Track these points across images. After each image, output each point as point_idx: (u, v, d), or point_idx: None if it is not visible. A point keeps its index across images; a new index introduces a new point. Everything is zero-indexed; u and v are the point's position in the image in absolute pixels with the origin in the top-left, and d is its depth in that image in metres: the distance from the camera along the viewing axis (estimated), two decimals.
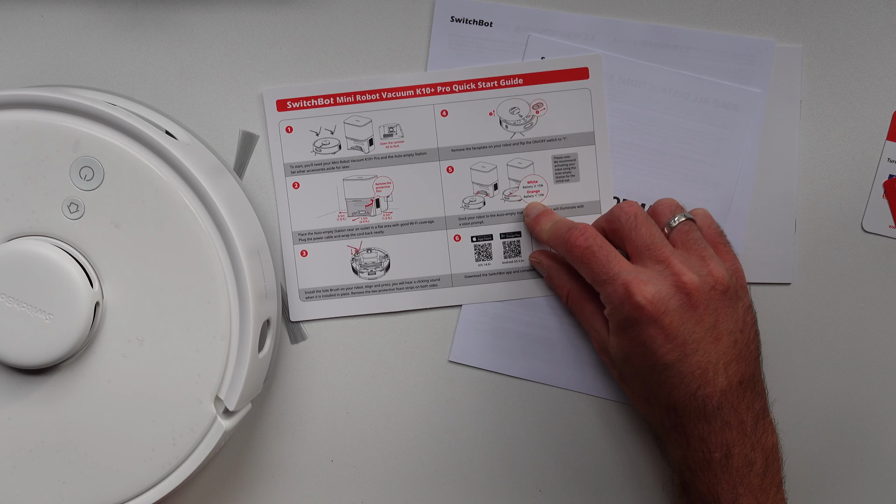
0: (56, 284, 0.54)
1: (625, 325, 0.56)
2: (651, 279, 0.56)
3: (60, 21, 0.63)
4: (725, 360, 0.56)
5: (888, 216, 0.64)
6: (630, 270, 0.56)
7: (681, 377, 0.56)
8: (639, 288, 0.55)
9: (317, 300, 0.65)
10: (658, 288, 0.56)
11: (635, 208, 0.59)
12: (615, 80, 0.64)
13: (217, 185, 0.57)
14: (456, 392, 0.65)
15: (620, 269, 0.57)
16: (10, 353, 0.54)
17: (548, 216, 0.62)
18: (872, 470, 0.65)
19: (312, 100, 0.64)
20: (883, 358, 0.65)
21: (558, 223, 0.61)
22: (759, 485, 0.57)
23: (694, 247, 0.58)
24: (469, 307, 0.65)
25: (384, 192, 0.64)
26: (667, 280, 0.56)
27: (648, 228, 0.58)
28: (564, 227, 0.60)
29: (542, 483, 0.66)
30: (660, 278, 0.56)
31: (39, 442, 0.56)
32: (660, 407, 0.58)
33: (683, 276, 0.56)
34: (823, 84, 0.64)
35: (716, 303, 0.56)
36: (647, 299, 0.55)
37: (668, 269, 0.56)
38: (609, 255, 0.57)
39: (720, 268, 0.57)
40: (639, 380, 0.58)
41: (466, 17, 0.63)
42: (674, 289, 0.56)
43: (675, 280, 0.56)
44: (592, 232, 0.58)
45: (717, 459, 0.56)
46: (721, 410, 0.56)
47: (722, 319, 0.56)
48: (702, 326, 0.56)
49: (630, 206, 0.59)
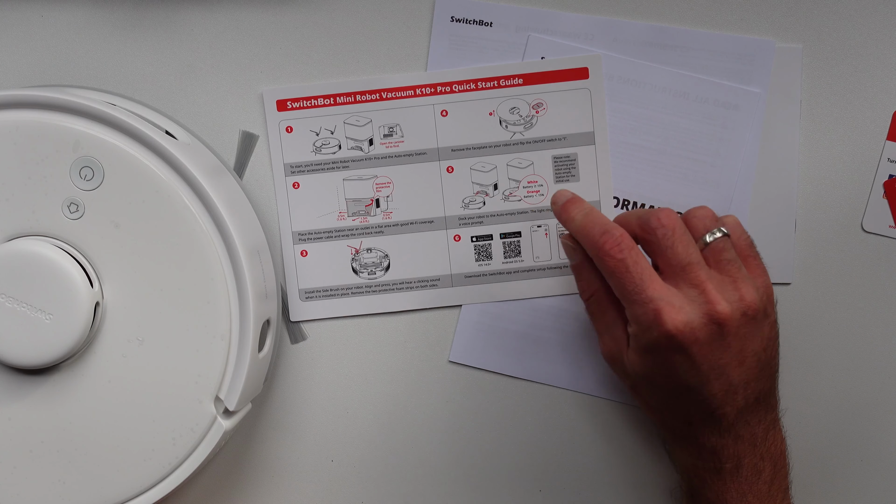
0: (56, 284, 0.54)
1: (650, 348, 0.55)
2: (683, 306, 0.54)
3: (60, 21, 0.63)
4: (746, 379, 0.56)
5: (888, 216, 0.64)
6: (663, 296, 0.54)
7: (702, 398, 0.55)
8: (671, 316, 0.53)
9: (317, 300, 0.65)
10: (690, 317, 0.54)
11: (673, 221, 0.55)
12: (615, 80, 0.64)
13: (217, 185, 0.57)
14: (456, 392, 0.65)
15: (654, 292, 0.54)
16: (10, 353, 0.54)
17: (578, 205, 0.59)
18: (872, 470, 0.65)
19: (312, 100, 0.64)
20: (883, 358, 0.65)
21: (590, 217, 0.57)
22: (767, 492, 0.57)
23: (727, 268, 0.56)
24: (469, 307, 0.65)
25: (384, 192, 0.64)
26: (700, 308, 0.54)
27: (685, 247, 0.55)
28: (598, 230, 0.56)
29: (542, 483, 0.66)
30: (693, 306, 0.54)
31: (39, 442, 0.56)
32: (674, 419, 0.58)
33: (717, 304, 0.54)
34: (823, 84, 0.64)
35: (745, 328, 0.55)
36: (678, 329, 0.53)
37: (702, 296, 0.54)
38: (643, 274, 0.54)
39: (752, 291, 0.55)
40: (655, 395, 0.58)
41: (466, 17, 0.63)
42: (706, 318, 0.54)
43: (708, 308, 0.54)
44: (628, 243, 0.55)
45: (728, 469, 0.56)
46: (735, 426, 0.56)
47: (749, 343, 0.55)
48: (729, 353, 0.55)
49: (668, 218, 0.55)
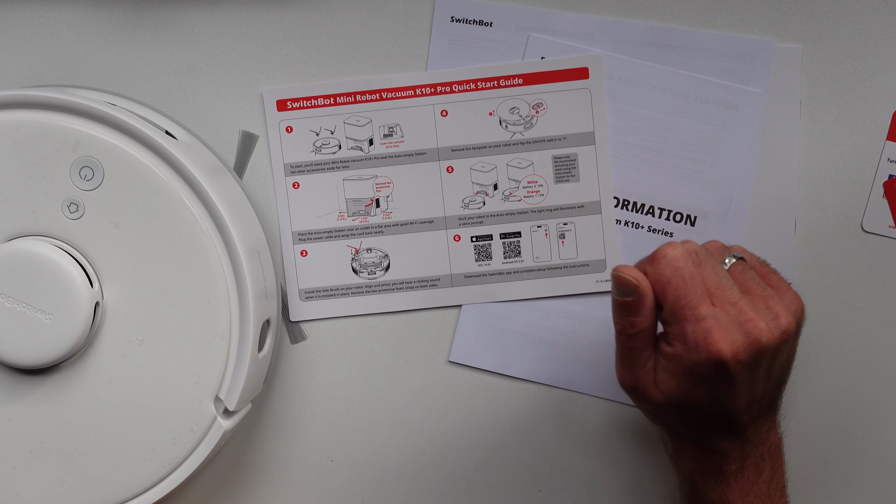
0: (56, 284, 0.54)
1: (692, 370, 0.54)
2: (728, 328, 0.53)
3: (60, 21, 0.63)
4: (766, 390, 0.56)
5: (888, 216, 0.64)
6: (713, 315, 0.53)
7: (728, 412, 0.56)
8: (720, 337, 0.53)
9: (317, 300, 0.65)
10: (734, 338, 0.53)
11: (695, 246, 0.55)
12: (615, 80, 0.64)
13: (217, 185, 0.57)
14: (456, 392, 0.65)
15: (707, 310, 0.53)
16: (10, 353, 0.54)
17: None
18: (872, 470, 0.65)
19: (312, 100, 0.64)
20: (883, 358, 0.65)
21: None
22: (766, 491, 0.57)
23: (752, 287, 0.56)
24: (469, 307, 0.65)
25: (384, 192, 0.64)
26: (741, 328, 0.54)
27: (714, 267, 0.55)
28: (660, 252, 0.55)
29: (542, 483, 0.66)
30: (735, 327, 0.54)
31: (39, 442, 0.56)
32: (690, 431, 0.58)
33: (757, 323, 0.54)
34: (823, 84, 0.64)
35: (780, 348, 0.55)
36: (727, 352, 0.53)
37: (741, 315, 0.54)
38: (698, 289, 0.54)
39: (783, 309, 0.55)
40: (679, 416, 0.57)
41: (466, 17, 0.63)
42: (748, 338, 0.54)
43: (748, 328, 0.54)
44: (684, 251, 0.54)
45: (733, 471, 0.57)
46: (747, 430, 0.57)
47: (777, 360, 0.56)
48: (761, 371, 0.55)
49: (688, 244, 0.55)
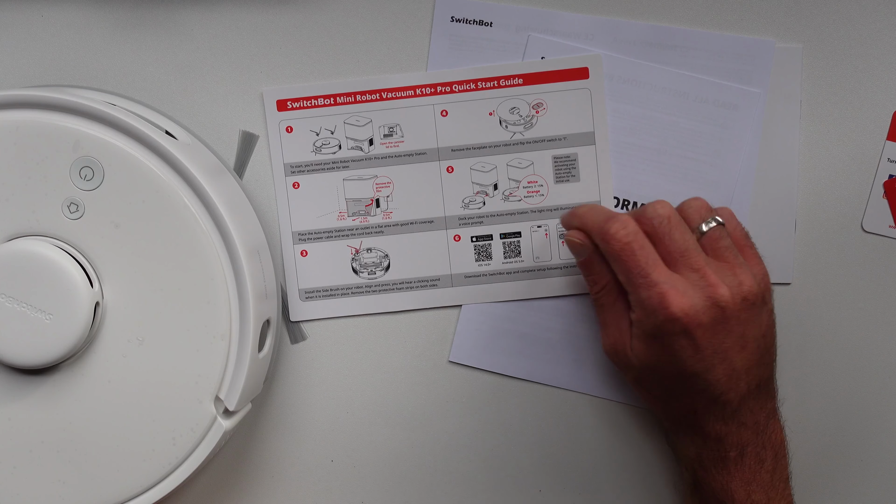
0: (56, 284, 0.54)
1: (655, 333, 0.56)
2: (686, 291, 0.55)
3: (60, 21, 0.63)
4: (748, 365, 0.56)
5: (888, 216, 0.64)
6: (667, 280, 0.55)
7: (706, 384, 0.56)
8: (675, 299, 0.55)
9: (317, 300, 0.65)
10: (693, 301, 0.55)
11: (668, 210, 0.57)
12: (615, 80, 0.64)
13: (217, 185, 0.57)
14: (456, 392, 0.65)
15: (659, 276, 0.55)
16: (10, 353, 0.54)
17: (584, 205, 0.60)
18: (873, 470, 0.65)
19: (312, 100, 0.64)
20: (883, 358, 0.65)
21: (595, 207, 0.59)
22: (770, 481, 0.58)
23: (724, 254, 0.57)
24: (469, 307, 0.65)
25: (384, 192, 0.64)
26: (701, 292, 0.55)
27: (682, 233, 0.56)
28: (603, 216, 0.57)
29: (542, 483, 0.66)
30: (695, 290, 0.55)
31: (39, 442, 0.56)
32: (678, 408, 0.58)
33: (718, 288, 0.55)
34: (823, 84, 0.64)
35: (745, 314, 0.56)
36: (684, 311, 0.55)
37: (702, 280, 0.55)
38: (649, 258, 0.56)
39: (750, 277, 0.56)
40: (659, 384, 0.58)
41: (466, 17, 0.63)
42: (708, 301, 0.55)
43: (709, 292, 0.55)
44: (633, 227, 0.56)
45: (733, 458, 0.57)
46: (739, 412, 0.57)
47: (749, 329, 0.56)
48: (731, 337, 0.56)
49: (663, 207, 0.57)
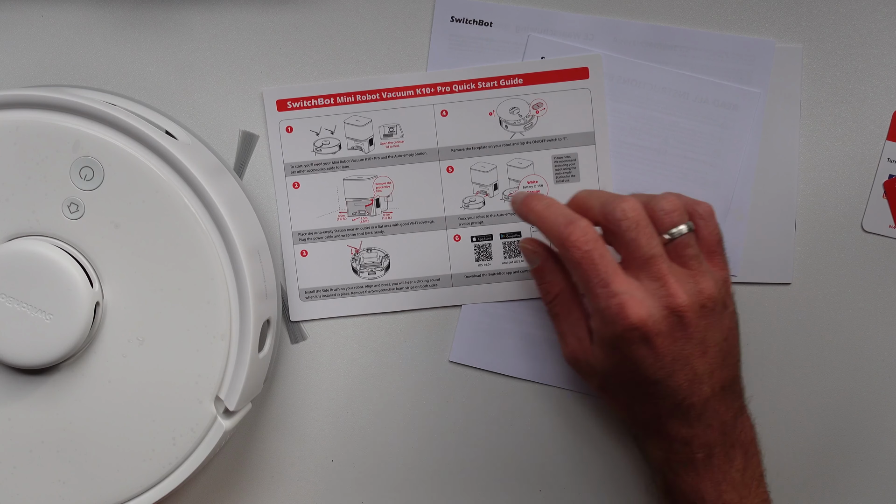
0: (56, 284, 0.54)
1: (614, 341, 0.56)
2: (645, 300, 0.55)
3: (60, 21, 0.63)
4: (710, 369, 0.56)
5: (888, 216, 0.64)
6: (627, 289, 0.55)
7: (668, 390, 0.56)
8: (634, 309, 0.54)
9: (317, 300, 0.65)
10: (652, 310, 0.54)
11: (637, 213, 0.55)
12: (615, 80, 0.64)
13: (217, 185, 0.57)
14: (456, 392, 0.65)
15: (619, 286, 0.54)
16: (10, 353, 0.54)
17: (539, 198, 0.58)
18: (872, 470, 0.65)
19: (312, 100, 0.64)
20: (883, 358, 0.65)
21: (553, 208, 0.57)
22: (741, 480, 0.57)
23: (689, 263, 0.56)
24: (469, 307, 0.65)
25: (384, 192, 0.64)
26: (661, 301, 0.55)
27: (648, 240, 0.55)
28: (562, 220, 0.56)
29: (542, 483, 0.66)
30: (653, 299, 0.55)
31: (39, 442, 0.56)
32: (644, 413, 0.58)
33: (677, 297, 0.55)
34: (823, 84, 0.64)
35: (705, 320, 0.56)
36: (642, 320, 0.54)
37: (662, 289, 0.55)
38: (609, 266, 0.55)
39: (710, 284, 0.56)
40: (623, 390, 0.58)
41: (466, 17, 0.63)
42: (667, 310, 0.55)
43: (668, 302, 0.55)
44: (594, 234, 0.55)
45: (700, 459, 0.57)
46: (704, 415, 0.57)
47: (710, 333, 0.56)
48: (691, 343, 0.55)
49: (633, 209, 0.55)
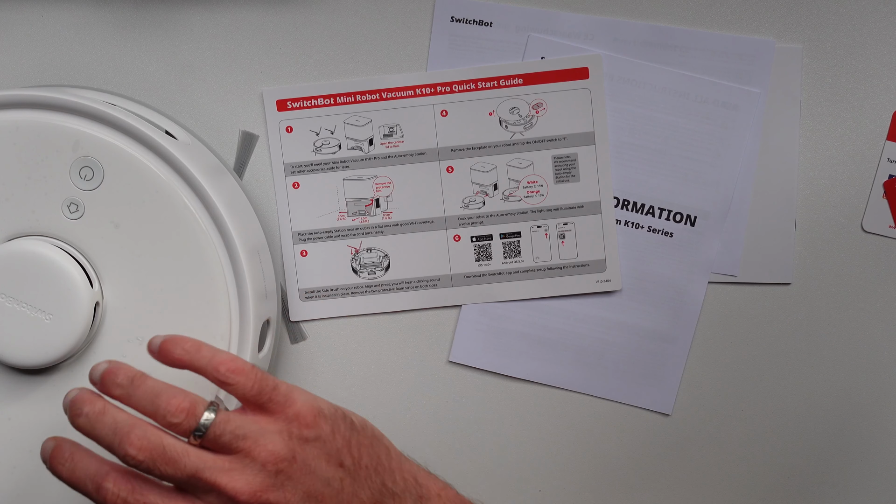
0: (56, 284, 0.54)
1: None
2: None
3: (60, 21, 0.63)
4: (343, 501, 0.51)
5: (888, 216, 0.64)
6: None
7: None
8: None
9: (317, 300, 0.65)
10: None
11: (146, 451, 0.48)
12: (615, 80, 0.64)
13: (217, 185, 0.57)
14: (456, 392, 0.65)
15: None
16: (10, 353, 0.54)
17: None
18: (872, 470, 0.65)
19: (312, 100, 0.64)
20: (883, 358, 0.65)
21: (80, 468, 0.49)
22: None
23: (232, 446, 0.49)
24: (469, 307, 0.65)
25: (384, 192, 0.64)
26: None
27: (174, 467, 0.48)
28: (91, 483, 0.49)
29: (542, 483, 0.66)
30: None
31: (39, 442, 0.56)
32: None
33: (240, 495, 0.48)
34: (823, 84, 0.64)
35: (292, 480, 0.49)
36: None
37: (222, 496, 0.48)
38: (158, 501, 0.49)
39: (270, 447, 0.49)
40: None
41: (466, 17, 0.63)
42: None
43: (236, 503, 0.48)
44: (127, 487, 0.48)
45: None
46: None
47: (310, 483, 0.50)
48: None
49: (139, 448, 0.48)
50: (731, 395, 0.65)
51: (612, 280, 0.65)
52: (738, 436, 0.65)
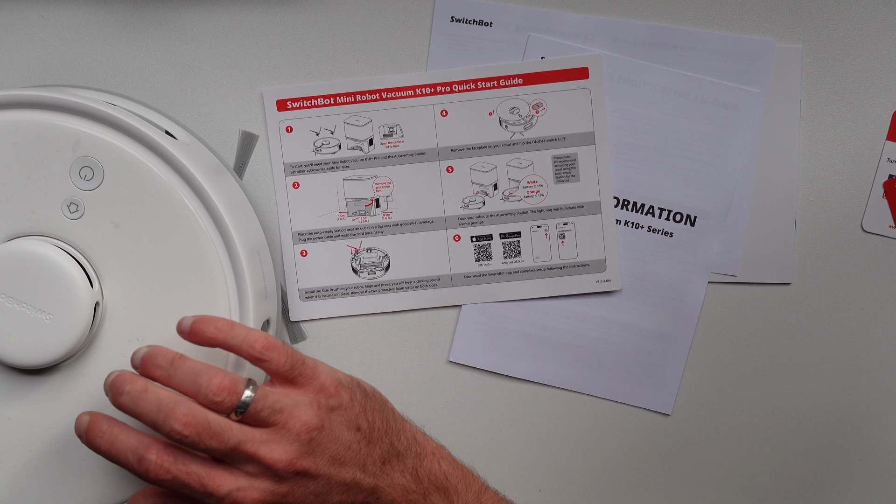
0: (56, 284, 0.54)
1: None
2: (252, 484, 0.52)
3: (60, 21, 0.64)
4: (359, 464, 0.54)
5: (888, 216, 0.64)
6: (232, 487, 0.51)
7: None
8: (247, 499, 0.51)
9: (317, 300, 0.65)
10: (263, 488, 0.52)
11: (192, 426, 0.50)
12: (615, 80, 0.64)
13: (217, 185, 0.57)
14: (456, 392, 0.65)
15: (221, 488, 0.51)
16: (10, 353, 0.54)
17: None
18: (872, 470, 0.65)
19: (312, 100, 0.64)
20: (883, 358, 0.65)
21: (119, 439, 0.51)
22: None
23: (269, 421, 0.52)
24: (469, 307, 0.65)
25: (384, 192, 0.64)
26: (265, 475, 0.52)
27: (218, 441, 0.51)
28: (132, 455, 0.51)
29: (542, 483, 0.66)
30: (258, 479, 0.52)
31: (39, 442, 0.56)
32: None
33: (278, 463, 0.52)
34: (823, 84, 0.64)
35: (321, 446, 0.53)
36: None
37: (260, 465, 0.52)
38: (202, 477, 0.51)
39: (302, 418, 0.53)
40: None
41: (466, 17, 0.63)
42: (277, 478, 0.52)
43: (273, 471, 0.52)
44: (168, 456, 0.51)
45: None
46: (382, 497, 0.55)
47: (335, 448, 0.53)
48: (322, 476, 0.53)
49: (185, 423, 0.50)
50: (731, 395, 0.65)
51: (612, 280, 0.65)
52: (738, 436, 0.65)
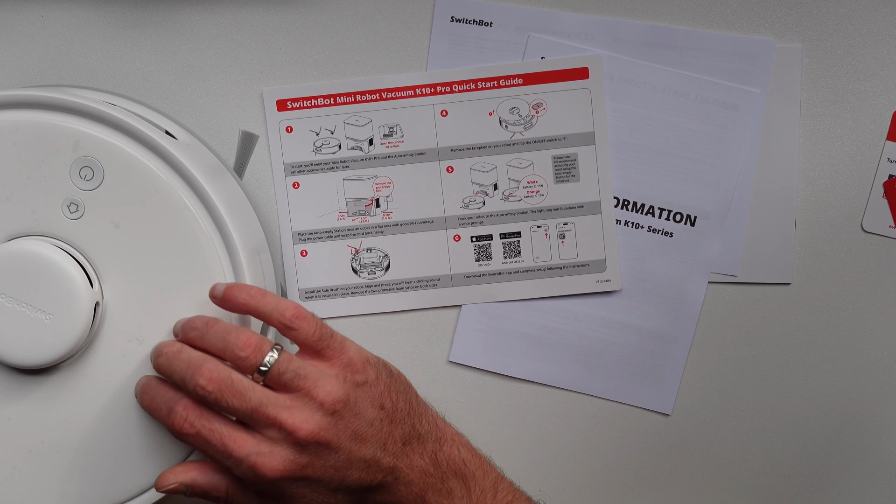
0: (56, 284, 0.54)
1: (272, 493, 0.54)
2: (273, 450, 0.52)
3: (60, 21, 0.64)
4: (381, 443, 0.55)
5: (888, 216, 0.64)
6: (250, 450, 0.52)
7: (350, 488, 0.54)
8: (266, 466, 0.52)
9: (317, 300, 0.65)
10: (284, 456, 0.52)
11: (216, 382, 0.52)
12: (615, 80, 0.64)
13: (217, 185, 0.57)
14: (456, 392, 0.65)
15: (240, 451, 0.52)
16: (10, 353, 0.54)
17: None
18: (872, 470, 0.65)
19: (312, 100, 0.64)
20: (883, 358, 0.65)
21: (152, 392, 0.54)
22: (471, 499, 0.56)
23: (293, 385, 0.53)
24: (469, 307, 0.65)
25: (384, 192, 0.64)
26: (287, 442, 0.52)
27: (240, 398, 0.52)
28: (165, 407, 0.53)
29: (541, 483, 0.66)
30: (280, 445, 0.52)
31: (39, 442, 0.56)
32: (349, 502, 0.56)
33: (299, 431, 0.52)
34: (823, 84, 0.64)
35: (344, 419, 0.53)
36: (280, 472, 0.52)
37: (282, 431, 0.52)
38: (224, 437, 0.52)
39: (327, 388, 0.53)
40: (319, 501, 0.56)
41: (466, 17, 0.63)
42: (298, 447, 0.52)
43: (294, 439, 0.52)
44: (194, 411, 0.53)
45: None
46: (398, 476, 0.55)
47: (358, 424, 0.54)
48: (343, 450, 0.53)
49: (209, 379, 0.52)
50: (731, 395, 0.65)
51: (612, 280, 0.65)
52: (738, 436, 0.65)
